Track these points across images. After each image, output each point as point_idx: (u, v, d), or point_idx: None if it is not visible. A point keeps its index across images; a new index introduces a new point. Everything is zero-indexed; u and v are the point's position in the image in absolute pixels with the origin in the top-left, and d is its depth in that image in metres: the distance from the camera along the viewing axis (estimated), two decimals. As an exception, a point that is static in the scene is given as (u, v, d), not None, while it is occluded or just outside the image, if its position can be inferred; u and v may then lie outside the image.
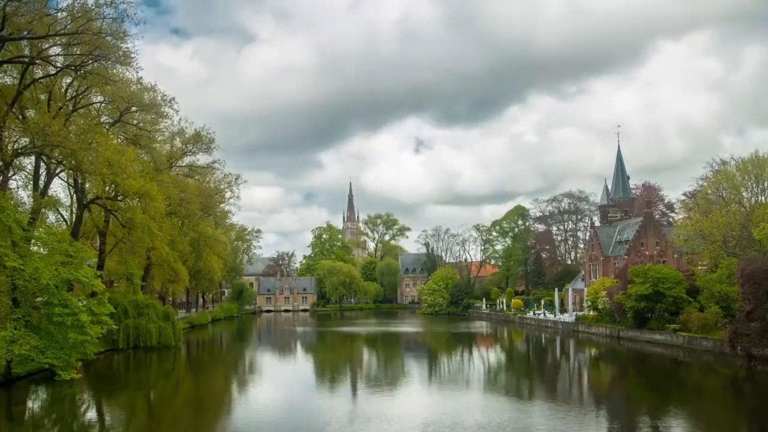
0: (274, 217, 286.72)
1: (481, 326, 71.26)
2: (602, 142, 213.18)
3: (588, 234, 76.96)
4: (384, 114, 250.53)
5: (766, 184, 45.15)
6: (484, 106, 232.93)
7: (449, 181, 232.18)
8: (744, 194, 45.89)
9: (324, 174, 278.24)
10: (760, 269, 31.45)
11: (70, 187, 43.21)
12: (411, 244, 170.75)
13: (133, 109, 39.48)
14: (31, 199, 34.34)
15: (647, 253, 59.37)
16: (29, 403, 24.97)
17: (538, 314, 68.96)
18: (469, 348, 48.46)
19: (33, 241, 29.54)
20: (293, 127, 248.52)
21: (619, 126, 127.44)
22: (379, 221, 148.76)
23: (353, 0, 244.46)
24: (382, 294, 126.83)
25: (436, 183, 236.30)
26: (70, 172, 38.13)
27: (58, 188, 55.97)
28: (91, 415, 23.40)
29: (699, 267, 49.52)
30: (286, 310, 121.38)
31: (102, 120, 40.06)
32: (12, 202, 31.50)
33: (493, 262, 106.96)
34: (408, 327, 72.57)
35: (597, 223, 72.77)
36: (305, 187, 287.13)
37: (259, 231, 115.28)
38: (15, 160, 34.25)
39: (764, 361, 31.29)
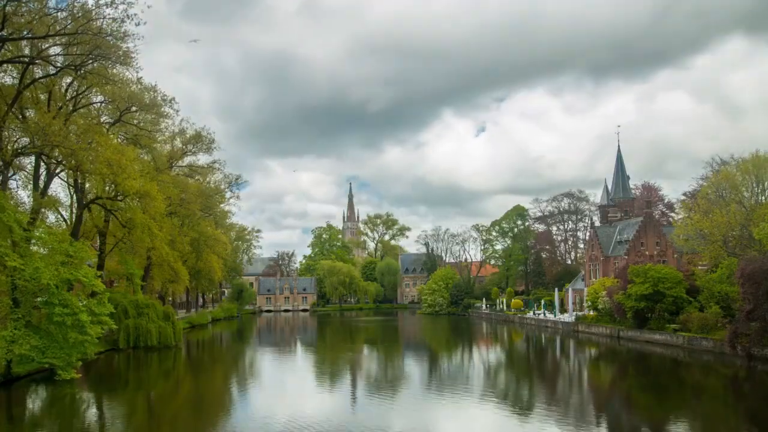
0: (326, 207, 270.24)
1: (481, 326, 71.26)
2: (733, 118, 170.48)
3: (588, 234, 76.96)
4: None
5: (766, 184, 45.17)
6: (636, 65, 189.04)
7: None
8: (744, 194, 45.92)
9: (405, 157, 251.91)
10: (760, 269, 31.44)
11: (70, 187, 43.24)
12: (411, 244, 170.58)
13: (133, 109, 39.50)
14: (31, 199, 34.33)
15: (647, 253, 59.40)
16: (29, 403, 24.97)
17: (538, 314, 68.93)
18: (469, 348, 48.45)
19: (33, 241, 29.54)
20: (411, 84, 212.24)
21: (618, 126, 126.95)
22: (379, 221, 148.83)
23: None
24: (382, 294, 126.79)
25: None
26: (70, 172, 38.16)
27: (58, 188, 56.05)
28: (92, 415, 23.39)
29: (699, 267, 49.51)
30: (286, 310, 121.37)
31: (102, 120, 40.08)
32: (12, 202, 31.50)
33: (493, 262, 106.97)
34: (407, 328, 72.56)
35: (597, 223, 72.76)
36: (367, 175, 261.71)
37: (259, 231, 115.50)
38: (15, 160, 34.26)
39: (764, 361, 31.30)
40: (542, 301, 72.14)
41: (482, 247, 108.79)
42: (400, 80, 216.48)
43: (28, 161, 37.62)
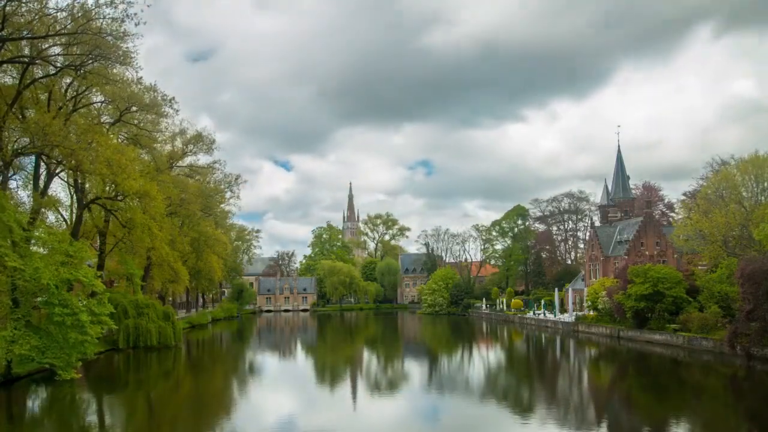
0: (401, 200, 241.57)
1: (481, 326, 71.28)
2: None
3: (588, 234, 76.96)
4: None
5: (766, 184, 45.16)
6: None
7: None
8: (744, 194, 45.91)
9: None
10: (760, 269, 31.43)
11: (70, 187, 43.22)
12: (411, 244, 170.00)
13: (134, 109, 39.47)
14: (31, 199, 34.31)
15: (647, 253, 59.38)
16: (29, 403, 24.97)
17: (538, 314, 68.93)
18: (469, 349, 48.47)
19: (33, 241, 29.53)
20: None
21: (619, 126, 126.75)
22: (379, 221, 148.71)
23: None
24: (382, 294, 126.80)
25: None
26: (70, 172, 38.14)
27: (58, 188, 55.97)
28: (91, 415, 23.40)
29: (699, 267, 49.52)
30: (286, 310, 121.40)
31: (102, 120, 40.07)
32: (12, 202, 31.48)
33: (493, 262, 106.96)
34: (407, 328, 72.56)
35: (597, 223, 72.78)
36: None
37: (258, 231, 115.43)
38: (15, 160, 34.22)
39: (764, 361, 31.29)
40: (542, 301, 72.14)
41: (482, 247, 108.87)
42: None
43: (28, 161, 37.60)
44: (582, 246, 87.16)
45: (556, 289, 69.34)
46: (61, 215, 44.55)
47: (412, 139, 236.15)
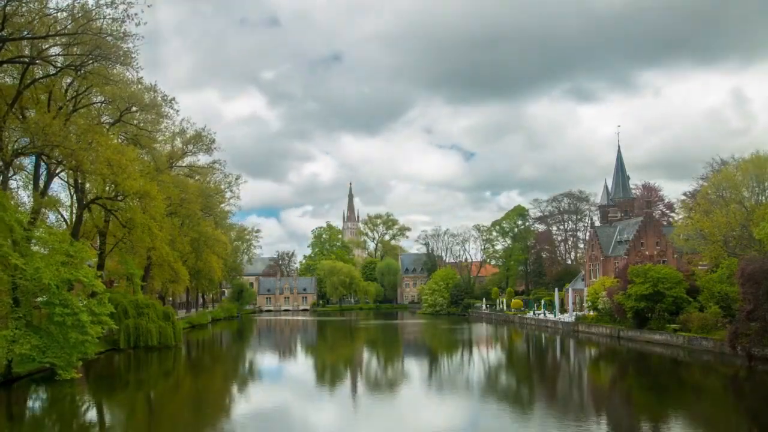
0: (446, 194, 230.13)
1: (481, 326, 71.26)
2: None
3: (588, 234, 76.97)
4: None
5: (766, 184, 45.15)
6: None
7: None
8: (744, 194, 45.90)
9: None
10: (760, 269, 31.41)
11: (70, 187, 43.22)
12: (411, 244, 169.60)
13: (134, 109, 39.49)
14: (31, 199, 34.34)
15: (647, 253, 59.34)
16: (29, 403, 24.98)
17: (538, 314, 68.93)
18: (469, 348, 48.45)
19: (34, 240, 29.52)
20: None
21: (619, 126, 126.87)
22: (379, 221, 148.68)
23: None
24: (382, 294, 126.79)
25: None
26: (70, 172, 38.15)
27: (58, 188, 56.04)
28: (92, 415, 23.40)
29: (699, 267, 49.51)
30: (286, 310, 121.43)
31: (102, 120, 40.09)
32: (12, 202, 31.48)
33: (493, 262, 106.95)
34: (408, 328, 72.58)
35: (597, 223, 72.77)
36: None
37: (258, 231, 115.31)
38: (15, 160, 34.23)
39: (764, 361, 31.28)
40: (542, 301, 72.13)
41: (482, 247, 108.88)
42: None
43: (29, 161, 37.64)
44: (582, 246, 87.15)
45: (556, 289, 69.33)
46: (61, 215, 44.58)
47: (482, 118, 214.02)
